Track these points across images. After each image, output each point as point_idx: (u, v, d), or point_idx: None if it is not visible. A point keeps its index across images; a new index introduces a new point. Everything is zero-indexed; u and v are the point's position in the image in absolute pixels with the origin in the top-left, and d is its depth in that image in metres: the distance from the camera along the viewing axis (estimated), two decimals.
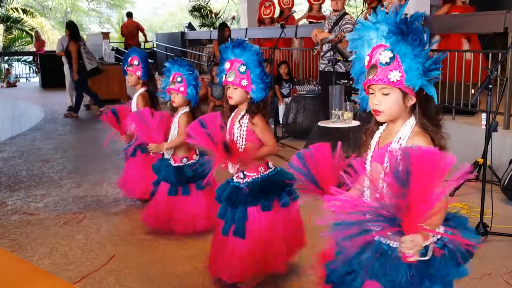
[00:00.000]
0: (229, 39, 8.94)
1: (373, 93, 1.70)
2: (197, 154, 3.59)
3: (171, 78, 3.47)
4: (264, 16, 9.63)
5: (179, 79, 3.42)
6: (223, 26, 9.20)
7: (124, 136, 4.12)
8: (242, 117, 2.69)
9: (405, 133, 1.68)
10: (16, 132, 8.01)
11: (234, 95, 2.66)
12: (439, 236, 1.63)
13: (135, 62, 4.19)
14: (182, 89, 3.43)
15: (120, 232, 3.68)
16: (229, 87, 2.67)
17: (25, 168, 5.59)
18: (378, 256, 1.65)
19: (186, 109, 3.50)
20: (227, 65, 2.66)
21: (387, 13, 1.62)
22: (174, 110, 3.56)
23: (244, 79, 2.61)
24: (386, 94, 1.66)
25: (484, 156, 3.50)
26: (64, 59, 9.90)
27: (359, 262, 1.67)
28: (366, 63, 1.71)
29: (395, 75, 1.61)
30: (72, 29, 9.20)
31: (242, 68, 2.61)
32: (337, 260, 1.78)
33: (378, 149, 1.75)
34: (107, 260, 3.20)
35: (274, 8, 9.80)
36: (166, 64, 3.53)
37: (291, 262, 2.93)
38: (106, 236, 3.62)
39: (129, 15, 14.37)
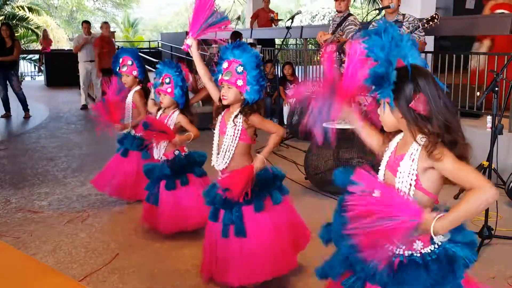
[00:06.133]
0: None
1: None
2: (187, 147, 3.59)
3: (161, 80, 3.46)
4: None
5: (167, 80, 3.41)
6: (238, 34, 8.90)
7: (117, 125, 4.11)
8: (236, 116, 2.69)
9: (416, 148, 1.64)
10: (20, 130, 8.05)
11: (229, 95, 2.65)
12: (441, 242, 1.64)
13: (129, 62, 4.14)
14: (169, 90, 3.41)
15: (124, 231, 3.68)
16: (224, 86, 2.67)
17: (29, 166, 5.61)
18: (385, 264, 1.65)
19: (177, 110, 3.50)
20: (225, 64, 2.66)
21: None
22: (157, 110, 3.60)
23: (240, 79, 2.62)
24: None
25: (490, 159, 3.49)
26: (80, 57, 9.93)
27: (363, 268, 1.68)
28: None
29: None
30: None
31: (240, 69, 2.61)
32: (335, 258, 1.82)
33: (394, 156, 1.72)
34: (110, 258, 3.21)
35: None
36: (158, 66, 3.52)
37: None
38: (110, 234, 3.63)
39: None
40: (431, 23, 4.76)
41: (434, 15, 4.74)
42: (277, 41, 11.11)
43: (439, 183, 1.65)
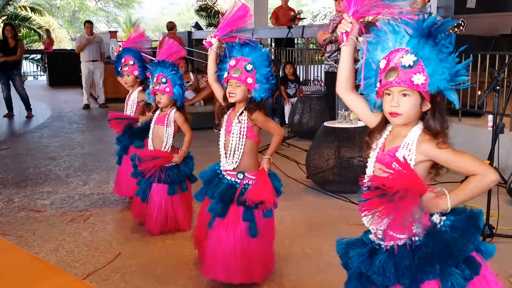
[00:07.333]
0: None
1: (389, 95, 1.66)
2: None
3: (155, 80, 3.46)
4: None
5: (163, 80, 3.42)
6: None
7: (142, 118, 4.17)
8: (241, 113, 2.69)
9: (413, 139, 1.66)
10: (23, 130, 8.07)
11: (237, 91, 2.64)
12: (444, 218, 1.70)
13: (131, 62, 4.15)
14: (168, 89, 3.43)
15: (126, 230, 3.69)
16: (231, 84, 2.65)
17: (32, 166, 5.63)
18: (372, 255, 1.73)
19: (174, 108, 3.52)
20: (232, 62, 2.65)
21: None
22: (153, 111, 3.62)
23: (250, 77, 2.61)
24: (405, 96, 1.63)
25: (491, 158, 3.49)
26: (82, 57, 9.95)
27: (373, 270, 1.70)
28: (382, 66, 1.68)
29: (419, 78, 1.59)
30: None
31: (249, 67, 2.60)
32: (351, 280, 1.83)
33: (383, 151, 1.73)
34: (113, 257, 3.22)
35: None
36: (149, 66, 3.53)
37: (298, 263, 2.94)
38: (112, 233, 3.64)
39: None
40: (456, 30, 4.23)
41: (461, 22, 4.23)
42: (298, 41, 10.98)
43: (428, 172, 1.72)
